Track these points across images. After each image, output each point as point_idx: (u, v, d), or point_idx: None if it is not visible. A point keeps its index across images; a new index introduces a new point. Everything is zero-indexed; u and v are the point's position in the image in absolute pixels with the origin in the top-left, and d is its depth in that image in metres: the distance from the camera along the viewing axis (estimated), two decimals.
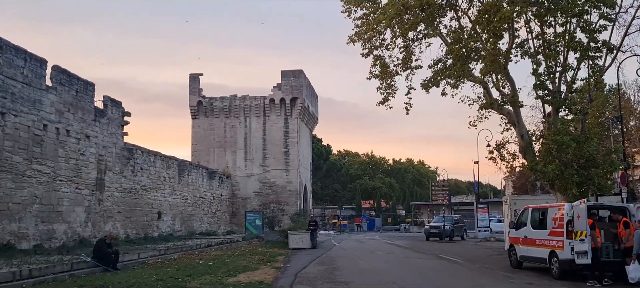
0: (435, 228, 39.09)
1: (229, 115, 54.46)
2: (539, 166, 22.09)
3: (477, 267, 19.01)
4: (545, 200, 27.76)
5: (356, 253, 25.47)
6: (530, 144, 24.52)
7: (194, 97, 54.41)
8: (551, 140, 22.23)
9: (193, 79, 54.67)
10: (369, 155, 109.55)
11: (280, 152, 53.77)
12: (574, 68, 23.79)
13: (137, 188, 32.60)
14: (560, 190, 22.96)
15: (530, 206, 18.52)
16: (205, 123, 54.73)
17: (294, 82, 53.92)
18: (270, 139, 53.96)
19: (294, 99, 53.56)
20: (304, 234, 29.04)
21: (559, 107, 23.86)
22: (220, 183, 49.40)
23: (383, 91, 26.44)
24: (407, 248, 29.72)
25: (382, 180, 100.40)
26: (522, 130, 24.65)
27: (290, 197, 52.68)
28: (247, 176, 53.61)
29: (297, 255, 24.84)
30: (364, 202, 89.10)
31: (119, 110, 30.53)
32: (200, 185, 43.72)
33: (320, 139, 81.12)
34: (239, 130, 54.42)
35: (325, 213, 79.49)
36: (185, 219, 40.32)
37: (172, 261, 19.68)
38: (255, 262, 20.04)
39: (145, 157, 33.93)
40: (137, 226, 32.37)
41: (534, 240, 16.93)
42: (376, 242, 37.95)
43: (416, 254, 25.41)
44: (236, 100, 54.55)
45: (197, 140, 54.70)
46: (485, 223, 45.67)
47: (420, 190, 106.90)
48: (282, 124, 54.02)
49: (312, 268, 18.66)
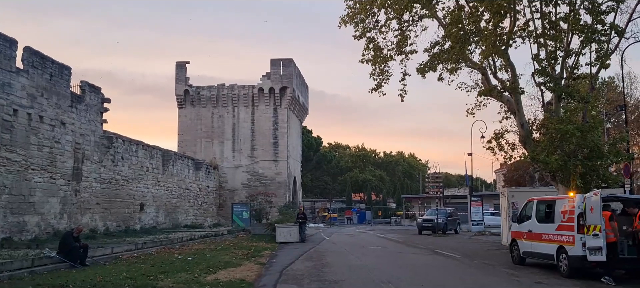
0: (428, 222, 37.83)
1: (216, 104, 52.93)
2: (541, 156, 20.80)
3: (477, 264, 17.72)
4: (544, 192, 26.53)
5: (346, 248, 24.14)
6: (530, 134, 23.25)
7: (181, 86, 52.82)
8: (554, 129, 20.94)
9: (179, 67, 53.05)
10: (359, 148, 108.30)
11: (269, 143, 52.36)
12: (577, 52, 22.51)
13: (118, 178, 31.10)
14: (562, 181, 21.71)
15: (535, 198, 17.23)
16: (192, 113, 53.18)
17: (283, 71, 52.46)
18: (259, 129, 52.53)
19: (283, 88, 52.10)
20: (292, 227, 27.65)
21: (560, 94, 22.58)
22: (207, 174, 47.94)
23: (376, 77, 25.06)
24: (400, 243, 28.45)
25: (372, 173, 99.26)
26: (522, 119, 23.36)
27: (279, 188, 51.33)
28: (235, 167, 52.17)
29: (284, 249, 23.48)
30: (355, 195, 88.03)
31: (98, 97, 28.98)
32: (185, 176, 42.25)
33: (311, 131, 79.65)
34: (226, 120, 52.92)
35: (315, 206, 78.18)
36: (170, 211, 38.87)
37: (149, 256, 18.25)
38: (238, 257, 18.66)
39: (127, 146, 32.43)
40: (118, 218, 30.89)
41: (540, 234, 15.64)
42: (367, 235, 36.68)
43: (410, 249, 24.12)
44: (224, 90, 53.02)
45: (183, 130, 53.15)
46: (478, 217, 44.60)
47: (411, 182, 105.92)
48: (271, 114, 52.58)
49: (299, 264, 17.30)
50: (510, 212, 26.35)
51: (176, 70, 52.97)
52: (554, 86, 22.12)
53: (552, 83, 22.16)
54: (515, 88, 22.95)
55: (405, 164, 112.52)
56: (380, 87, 25.22)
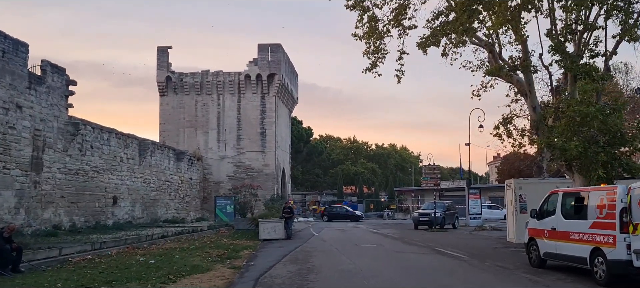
0: (425, 216, 35.27)
1: (200, 92, 50.08)
2: (558, 143, 18.29)
3: (489, 266, 15.17)
4: (555, 184, 24.01)
5: (337, 246, 21.53)
6: (543, 118, 20.73)
7: (162, 72, 49.88)
8: (573, 112, 18.43)
9: (161, 52, 50.09)
10: (351, 140, 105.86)
11: (256, 133, 49.61)
12: (597, 27, 20.01)
13: (87, 169, 28.29)
14: (580, 171, 19.22)
15: (560, 190, 14.64)
16: (175, 100, 50.30)
17: (271, 57, 49.63)
18: (246, 118, 49.74)
19: (271, 75, 49.32)
20: (276, 223, 24.98)
21: (577, 73, 20.06)
22: (189, 165, 45.16)
23: (371, 55, 22.45)
24: (396, 239, 25.90)
25: (364, 166, 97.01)
26: (534, 102, 20.87)
27: (266, 181, 48.61)
28: (220, 158, 49.41)
29: (267, 248, 20.85)
30: (346, 188, 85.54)
31: (62, 78, 26.13)
32: (165, 168, 39.47)
33: (301, 121, 76.96)
34: (211, 108, 50.09)
35: (306, 199, 75.66)
36: (148, 205, 36.10)
37: (106, 258, 15.55)
38: (211, 259, 16.00)
39: (97, 133, 29.60)
40: (87, 213, 28.11)
41: (567, 233, 13.08)
42: (360, 230, 34.13)
43: (409, 247, 21.55)
44: (208, 76, 50.16)
45: (165, 119, 50.26)
46: (477, 210, 42.27)
47: (403, 175, 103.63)
48: (259, 102, 49.82)
49: (281, 268, 14.64)
50: (518, 205, 23.96)
51: (157, 55, 50.00)
52: (570, 64, 19.61)
53: (568, 61, 19.64)
54: (527, 66, 20.45)
55: (397, 157, 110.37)
56: (375, 67, 22.65)
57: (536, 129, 20.68)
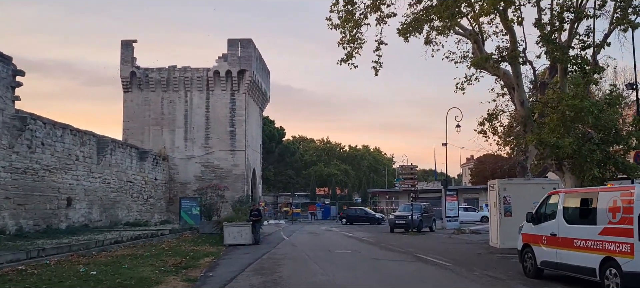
0: (402, 218, 33.64)
1: (167, 88, 47.74)
2: (551, 139, 16.75)
3: (479, 276, 13.49)
4: (541, 185, 22.59)
5: (309, 252, 19.68)
6: (532, 113, 19.22)
7: (127, 67, 47.40)
8: (567, 106, 16.93)
9: (125, 46, 47.60)
10: (324, 141, 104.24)
11: (225, 131, 47.49)
12: (589, 15, 18.58)
13: (36, 168, 25.92)
14: (573, 170, 17.74)
15: (561, 190, 13.03)
16: (139, 97, 47.85)
17: (242, 52, 47.56)
18: (215, 116, 47.58)
19: (241, 71, 47.24)
20: (243, 227, 23.00)
21: (567, 65, 18.62)
22: (154, 165, 42.82)
23: (346, 45, 20.68)
24: (372, 244, 24.16)
25: (337, 167, 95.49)
26: (522, 96, 19.34)
27: (236, 182, 46.56)
28: (187, 158, 47.14)
29: (231, 255, 18.90)
30: (319, 190, 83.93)
31: (8, 68, 23.76)
32: (127, 167, 37.12)
33: (273, 121, 74.93)
34: (178, 105, 47.80)
35: (278, 201, 73.70)
36: (107, 207, 33.75)
37: (41, 269, 13.46)
38: (164, 269, 14.01)
39: (49, 129, 27.23)
40: (36, 216, 25.74)
41: (571, 240, 11.45)
42: (333, 234, 32.36)
43: (387, 253, 19.80)
44: (175, 72, 47.86)
45: (129, 117, 47.77)
46: (454, 213, 40.92)
47: (377, 177, 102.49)
48: (228, 100, 47.71)
49: (243, 280, 12.72)
50: (502, 207, 22.44)
51: (121, 49, 47.49)
52: (560, 55, 18.12)
53: (559, 52, 18.15)
54: (515, 57, 18.90)
55: (371, 158, 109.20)
56: (351, 58, 20.89)
57: (524, 125, 19.17)
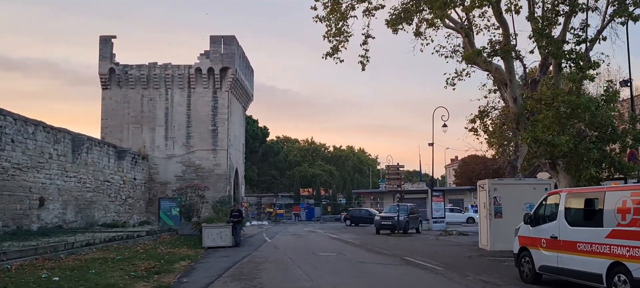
0: (388, 220, 32.79)
1: (147, 86, 46.44)
2: (546, 137, 15.96)
3: (473, 282, 12.63)
4: (532, 186, 21.87)
5: (292, 255, 18.72)
6: (525, 110, 18.45)
7: (105, 64, 46.00)
8: (563, 102, 16.16)
9: (104, 42, 46.19)
10: (308, 142, 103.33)
11: (207, 130, 46.29)
12: (585, 7, 17.84)
13: (6, 166, 24.66)
14: (568, 170, 16.98)
15: (562, 190, 12.17)
16: (119, 94, 46.49)
17: (224, 49, 46.39)
18: (196, 114, 46.37)
19: (224, 68, 46.10)
20: (223, 228, 21.97)
21: (562, 60, 17.88)
22: (133, 164, 41.56)
23: (331, 38, 19.77)
24: (358, 246, 23.26)
25: (322, 168, 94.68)
26: (515, 92, 18.55)
27: (218, 182, 45.42)
28: (167, 157, 45.88)
29: (209, 258, 17.89)
30: (303, 190, 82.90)
31: None
32: (104, 166, 35.86)
33: (256, 120, 73.91)
34: (158, 103, 46.51)
35: (261, 202, 72.58)
36: (83, 208, 32.49)
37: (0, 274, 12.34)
38: (135, 275, 12.98)
39: (20, 126, 25.97)
40: (5, 217, 24.46)
41: (574, 243, 10.62)
42: (317, 235, 31.44)
43: (374, 256, 18.90)
44: (156, 69, 46.56)
45: (108, 115, 46.36)
46: (440, 214, 40.28)
47: (361, 178, 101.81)
48: (210, 98, 46.53)
49: (218, 287, 11.74)
50: (492, 208, 21.67)
51: (100, 45, 46.08)
52: (555, 50, 17.35)
53: (553, 47, 17.39)
54: (508, 51, 18.11)
55: (355, 159, 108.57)
56: (337, 51, 19.98)
57: (517, 123, 18.39)
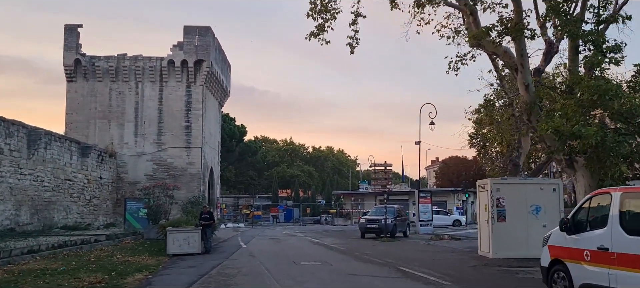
0: (374, 223, 30.31)
1: (116, 79, 43.42)
2: (570, 128, 13.63)
3: None
4: (539, 186, 19.61)
5: (270, 264, 16.14)
6: (538, 99, 16.12)
7: (71, 55, 42.86)
8: (586, 88, 13.86)
9: (69, 31, 43.05)
10: (287, 142, 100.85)
11: (180, 127, 43.42)
12: None
13: None
14: (591, 167, 14.68)
15: (614, 189, 9.69)
16: (85, 88, 43.38)
17: (199, 40, 43.58)
18: (168, 110, 43.48)
19: (199, 61, 43.28)
20: (191, 233, 19.25)
21: (580, 42, 15.60)
22: (99, 162, 38.54)
23: (316, 15, 17.26)
24: (344, 253, 20.75)
25: (301, 168, 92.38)
26: (527, 78, 16.20)
27: (191, 181, 42.62)
28: (137, 155, 42.92)
29: (171, 269, 15.22)
30: (281, 191, 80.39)
31: None
32: (66, 164, 32.86)
33: (234, 118, 71.04)
34: (128, 98, 43.51)
35: (238, 203, 69.76)
36: (40, 208, 29.52)
37: None
38: None
39: None
40: None
41: (636, 257, 8.24)
42: (298, 240, 28.88)
43: (364, 266, 16.39)
44: (125, 61, 43.56)
45: (73, 109, 43.21)
46: (427, 216, 37.93)
47: (340, 179, 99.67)
48: (184, 92, 43.67)
49: None
50: (495, 211, 19.34)
51: (65, 35, 42.90)
52: (574, 29, 15.04)
53: (572, 26, 15.07)
54: (520, 30, 15.75)
55: (335, 160, 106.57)
56: (322, 31, 17.50)
57: (529, 113, 16.04)
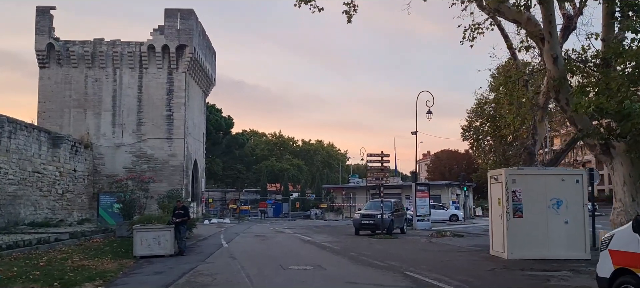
0: (369, 218, 27.85)
1: (92, 65, 40.72)
2: (620, 105, 11.24)
3: None
4: (560, 177, 17.26)
5: (252, 269, 13.62)
6: (570, 72, 13.70)
7: (43, 39, 40.07)
8: (634, 56, 11.46)
9: (41, 14, 40.23)
10: (276, 135, 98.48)
11: (161, 116, 40.80)
12: None
13: None
14: (636, 152, 12.31)
15: None
16: (59, 74, 40.65)
17: (181, 24, 40.93)
18: (148, 98, 40.83)
19: (181, 46, 40.64)
20: (162, 231, 16.65)
21: (615, 8, 13.21)
22: (73, 153, 35.76)
23: None
24: (339, 254, 18.27)
25: (290, 162, 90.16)
26: (555, 49, 13.75)
27: (173, 174, 40.07)
28: (115, 146, 40.27)
29: (132, 277, 12.67)
30: (270, 185, 78.01)
31: None
32: (34, 155, 30.13)
33: (220, 109, 68.50)
34: (105, 85, 40.83)
35: (226, 197, 67.21)
36: (4, 203, 26.85)
37: None
38: None
39: None
40: None
41: None
42: (286, 237, 26.40)
43: (364, 270, 13.90)
44: (102, 46, 40.85)
45: (46, 97, 40.47)
46: (425, 211, 35.66)
47: (330, 172, 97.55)
48: (165, 79, 41.04)
49: None
50: (511, 206, 16.98)
51: (37, 17, 40.06)
52: None
53: None
54: None
55: (324, 153, 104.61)
56: None
57: (557, 90, 13.62)
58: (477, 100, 33.17)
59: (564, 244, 16.79)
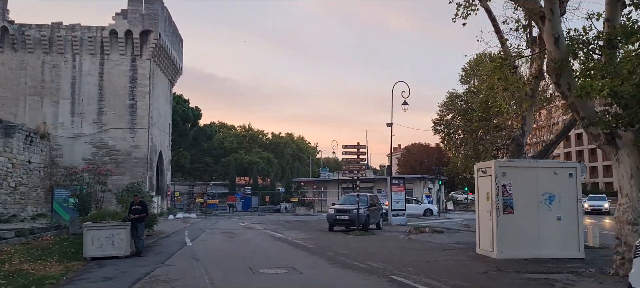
0: (344, 213, 26.36)
1: (49, 50, 38.35)
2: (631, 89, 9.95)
3: None
4: (552, 170, 16.06)
5: (217, 273, 11.98)
6: (573, 54, 12.38)
7: None
8: None
9: None
10: (245, 128, 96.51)
11: (123, 105, 38.67)
12: None
13: None
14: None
15: None
16: (13, 60, 38.18)
17: (146, 8, 38.78)
18: (110, 86, 38.65)
19: (145, 32, 38.52)
20: (116, 229, 14.85)
21: None
22: (27, 144, 33.43)
23: None
24: (314, 252, 16.75)
25: (259, 155, 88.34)
26: (557, 29, 12.38)
27: (136, 166, 38.03)
28: (74, 137, 38.02)
29: (77, 283, 10.92)
30: (239, 178, 75.98)
31: None
32: None
33: (187, 100, 66.24)
34: (64, 72, 38.50)
35: (193, 191, 65.09)
36: None
37: None
38: None
39: None
40: None
41: None
42: (256, 233, 24.78)
43: (344, 274, 12.38)
44: (61, 30, 38.50)
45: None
46: (400, 205, 34.39)
47: (300, 166, 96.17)
48: (128, 67, 38.89)
49: None
50: (500, 201, 15.70)
51: None
52: None
53: None
54: None
55: (295, 146, 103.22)
56: None
57: (558, 73, 12.30)
58: (449, 94, 32.60)
59: (556, 242, 15.60)
